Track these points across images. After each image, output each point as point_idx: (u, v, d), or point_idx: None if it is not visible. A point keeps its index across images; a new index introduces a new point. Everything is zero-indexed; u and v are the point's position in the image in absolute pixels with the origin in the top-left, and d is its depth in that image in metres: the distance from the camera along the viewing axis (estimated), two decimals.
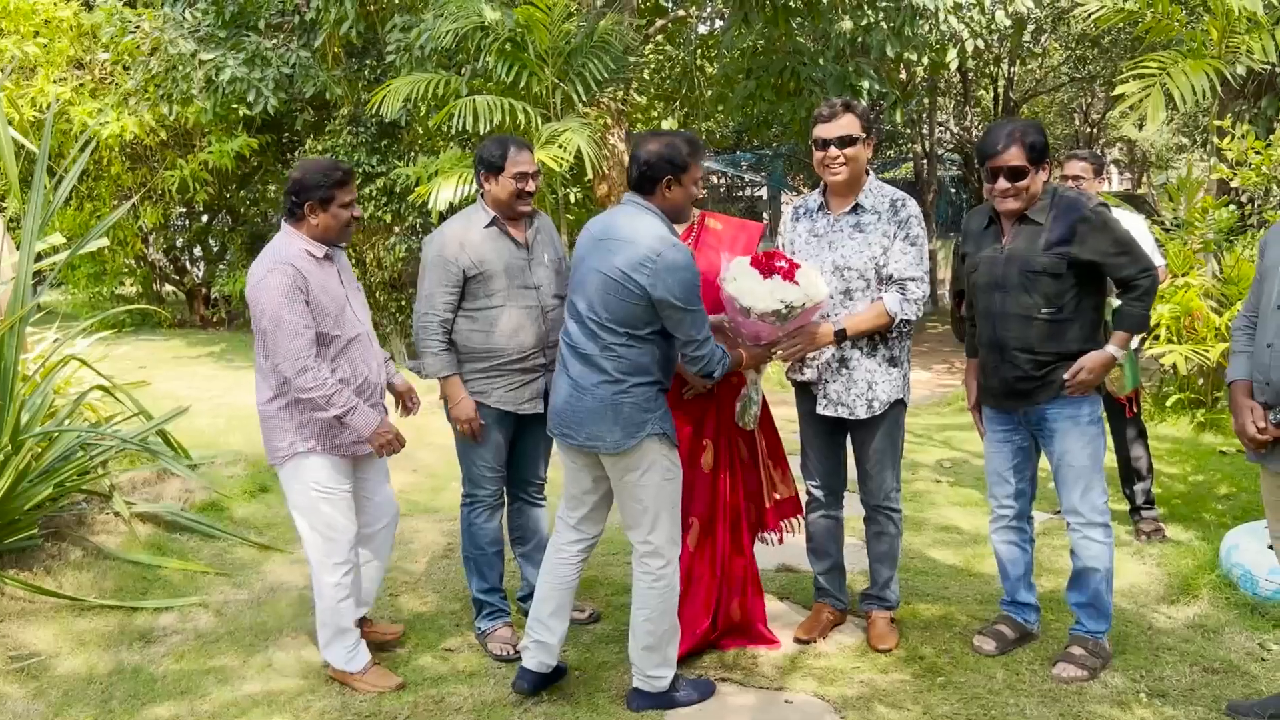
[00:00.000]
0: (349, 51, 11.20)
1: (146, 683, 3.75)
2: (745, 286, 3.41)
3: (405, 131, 11.15)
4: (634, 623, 3.43)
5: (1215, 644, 3.83)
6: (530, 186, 3.79)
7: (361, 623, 3.82)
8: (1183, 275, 6.98)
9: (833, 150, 3.64)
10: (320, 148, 11.49)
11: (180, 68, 10.73)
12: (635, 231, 3.24)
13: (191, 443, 5.95)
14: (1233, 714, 3.32)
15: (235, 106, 10.82)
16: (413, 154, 10.80)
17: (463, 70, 9.14)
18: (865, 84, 10.25)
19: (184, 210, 15.10)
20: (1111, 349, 3.50)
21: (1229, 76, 7.40)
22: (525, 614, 4.19)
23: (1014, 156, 3.44)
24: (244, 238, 14.40)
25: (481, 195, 3.88)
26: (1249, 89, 9.45)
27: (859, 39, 9.99)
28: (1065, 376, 3.50)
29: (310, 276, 3.42)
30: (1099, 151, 6.55)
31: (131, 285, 15.29)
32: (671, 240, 3.23)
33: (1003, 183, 3.48)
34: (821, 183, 3.86)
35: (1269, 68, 8.09)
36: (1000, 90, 18.98)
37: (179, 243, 15.63)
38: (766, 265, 3.46)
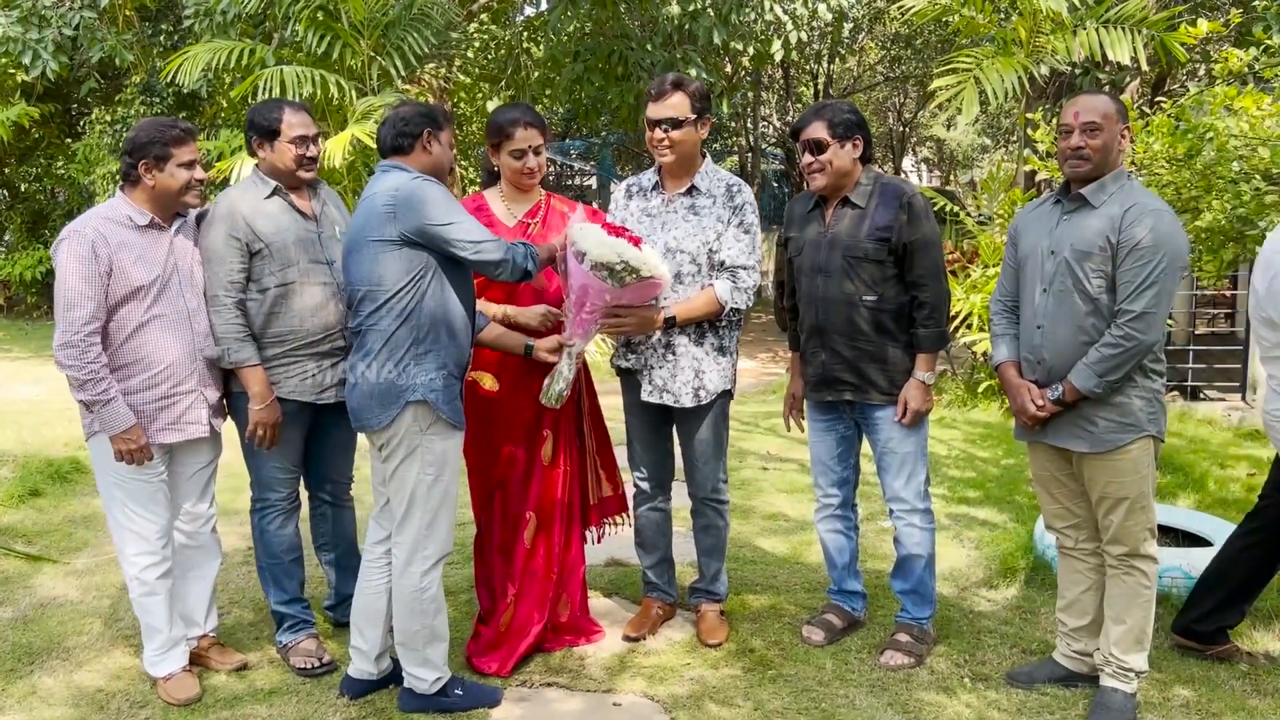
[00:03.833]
0: (143, 14, 10.39)
1: None
2: (589, 233, 3.27)
3: (206, 103, 10.45)
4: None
5: (1032, 625, 3.91)
6: (312, 151, 3.47)
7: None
8: (994, 265, 7.24)
9: (658, 133, 3.52)
10: (110, 118, 10.63)
11: None
12: (376, 188, 3.12)
13: None
14: (1011, 683, 3.43)
15: (11, 71, 9.85)
16: (215, 127, 10.10)
17: (270, 39, 8.60)
18: (693, 72, 10.24)
19: None
20: (921, 375, 3.52)
21: (1035, 75, 7.73)
22: (333, 624, 3.89)
23: (815, 130, 3.46)
24: (24, 217, 13.23)
25: (256, 165, 3.53)
26: (1050, 89, 9.97)
27: (686, 26, 9.96)
28: (896, 419, 3.52)
29: (119, 246, 3.21)
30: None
31: None
32: (410, 175, 3.10)
33: (807, 156, 3.49)
34: (656, 161, 3.71)
35: (1070, 69, 8.51)
36: (820, 86, 19.55)
37: None
38: (616, 230, 3.35)
